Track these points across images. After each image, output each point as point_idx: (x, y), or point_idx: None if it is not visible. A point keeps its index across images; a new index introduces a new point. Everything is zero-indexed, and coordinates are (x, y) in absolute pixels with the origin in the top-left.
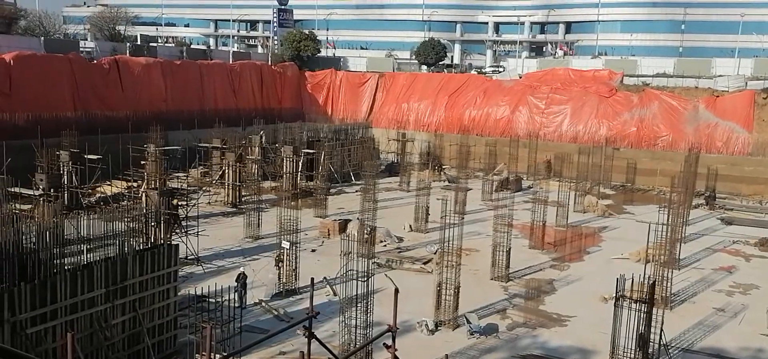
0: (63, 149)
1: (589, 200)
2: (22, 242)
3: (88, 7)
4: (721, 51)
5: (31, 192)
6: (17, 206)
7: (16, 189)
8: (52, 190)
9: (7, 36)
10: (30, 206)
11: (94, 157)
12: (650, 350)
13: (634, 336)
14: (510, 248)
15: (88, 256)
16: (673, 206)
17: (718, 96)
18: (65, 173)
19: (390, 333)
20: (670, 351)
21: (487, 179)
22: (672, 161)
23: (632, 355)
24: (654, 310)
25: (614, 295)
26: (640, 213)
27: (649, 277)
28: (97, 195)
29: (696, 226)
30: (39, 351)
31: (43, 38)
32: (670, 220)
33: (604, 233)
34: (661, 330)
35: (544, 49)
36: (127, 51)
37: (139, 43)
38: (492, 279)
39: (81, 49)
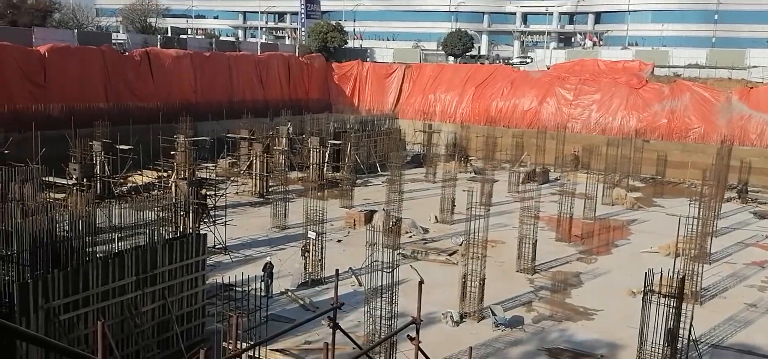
0: (96, 140)
1: (618, 192)
2: (56, 231)
3: None
4: (755, 41)
5: (64, 182)
6: (51, 195)
7: (51, 179)
8: (84, 179)
9: (42, 28)
10: (63, 195)
11: (126, 147)
12: (679, 345)
13: (663, 331)
14: (536, 241)
15: (119, 245)
16: (704, 199)
17: (752, 87)
18: (98, 163)
19: (413, 325)
20: (699, 346)
21: (514, 171)
22: (704, 153)
23: (660, 350)
24: (683, 305)
25: (643, 289)
26: (671, 206)
27: (678, 271)
28: (129, 185)
29: (728, 220)
30: (71, 338)
31: (76, 30)
32: (701, 213)
33: (632, 226)
34: (691, 325)
35: (572, 40)
36: (158, 43)
37: (169, 35)
38: (518, 271)
39: (113, 41)
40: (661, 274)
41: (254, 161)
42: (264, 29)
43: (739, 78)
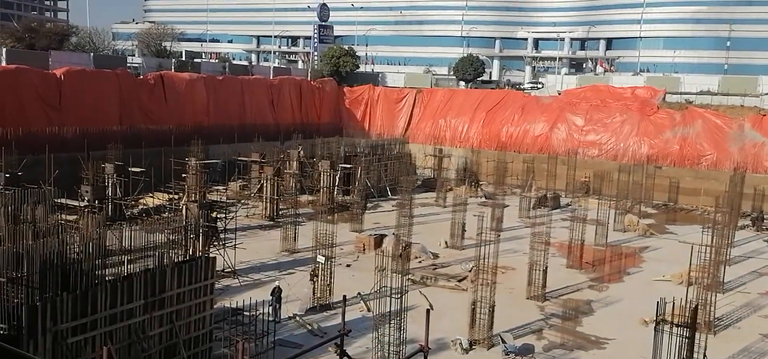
0: (108, 162)
1: (630, 218)
2: (67, 253)
3: (137, 24)
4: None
5: (76, 203)
6: (63, 217)
7: (63, 201)
8: (96, 201)
9: (59, 52)
10: (75, 217)
11: (138, 170)
12: None
13: None
14: (547, 267)
15: (129, 267)
16: (717, 226)
17: (764, 115)
18: (109, 185)
19: (421, 352)
20: None
21: (524, 196)
22: (716, 180)
23: None
24: (696, 335)
25: (655, 318)
26: (683, 234)
27: (691, 300)
28: (140, 207)
29: (742, 248)
30: None
31: (92, 54)
32: (714, 241)
33: (645, 254)
34: (704, 355)
35: (584, 66)
36: (173, 67)
37: (183, 58)
38: (528, 298)
39: (128, 64)
40: (674, 303)
41: (265, 185)
42: (277, 53)
43: (751, 105)
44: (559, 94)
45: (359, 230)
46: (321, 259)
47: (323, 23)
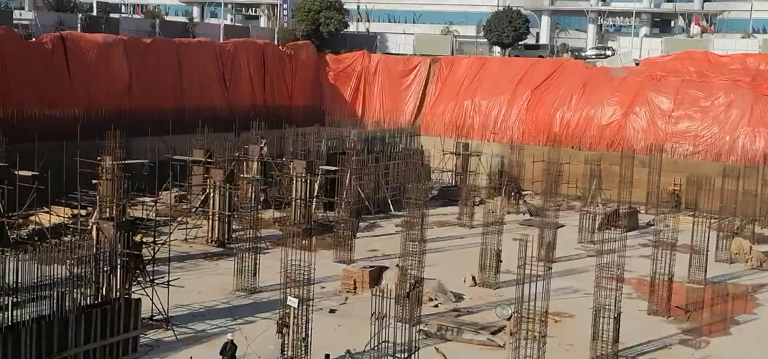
0: None
1: (739, 244)
2: None
3: None
4: None
5: None
6: None
7: None
8: None
9: None
10: None
11: (27, 173)
12: None
13: None
14: (620, 314)
15: (14, 314)
16: None
17: None
18: None
19: None
20: None
21: (587, 212)
22: None
23: None
24: None
25: None
26: None
27: None
28: (30, 227)
29: None
30: None
31: None
32: None
33: (760, 295)
34: None
35: (672, 25)
36: (79, 25)
37: (95, 13)
38: None
39: (15, 21)
40: None
41: (212, 195)
42: (230, 6)
43: None
44: (637, 64)
45: (348, 261)
46: (293, 302)
47: None
